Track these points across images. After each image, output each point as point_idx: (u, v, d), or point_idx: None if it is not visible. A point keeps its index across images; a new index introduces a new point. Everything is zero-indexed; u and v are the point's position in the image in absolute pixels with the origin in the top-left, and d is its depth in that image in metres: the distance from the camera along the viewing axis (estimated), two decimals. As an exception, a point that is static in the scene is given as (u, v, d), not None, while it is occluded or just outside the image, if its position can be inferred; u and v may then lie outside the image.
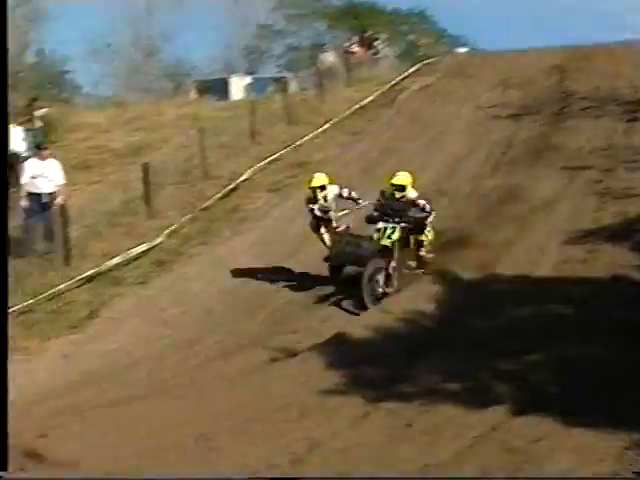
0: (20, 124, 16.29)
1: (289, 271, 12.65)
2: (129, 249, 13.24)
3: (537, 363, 8.99)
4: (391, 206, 11.72)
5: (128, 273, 12.83)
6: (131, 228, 14.24)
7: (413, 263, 12.01)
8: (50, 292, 12.04)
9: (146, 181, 14.83)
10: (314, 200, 12.47)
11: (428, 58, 25.43)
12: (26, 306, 11.72)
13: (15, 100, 18.54)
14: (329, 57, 26.44)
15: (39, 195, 13.85)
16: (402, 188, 11.80)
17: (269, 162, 16.91)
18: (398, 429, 7.84)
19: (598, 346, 9.12)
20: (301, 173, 16.46)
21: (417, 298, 10.92)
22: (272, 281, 12.36)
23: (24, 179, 13.90)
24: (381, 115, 19.85)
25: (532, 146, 16.66)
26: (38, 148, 14.61)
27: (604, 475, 6.54)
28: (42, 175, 13.91)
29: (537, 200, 13.97)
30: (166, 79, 37.44)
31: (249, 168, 16.51)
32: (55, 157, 14.55)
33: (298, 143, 17.90)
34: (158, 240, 13.61)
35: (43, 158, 14.18)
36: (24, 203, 13.75)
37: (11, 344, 10.77)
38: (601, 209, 13.53)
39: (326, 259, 12.22)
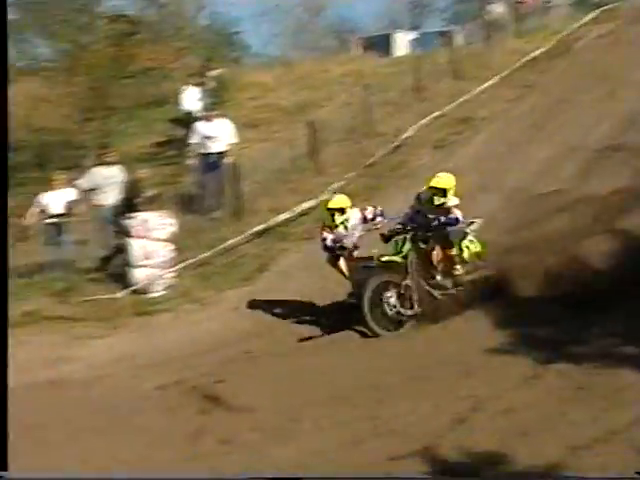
0: (195, 85, 16.68)
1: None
2: (296, 205, 13.47)
3: None
4: (426, 214, 10.15)
5: (295, 229, 13.06)
6: (298, 185, 14.45)
7: (448, 282, 10.28)
8: (223, 246, 12.46)
9: (312, 139, 15.03)
10: (332, 226, 10.70)
11: (606, 4, 24.23)
12: (202, 259, 12.20)
13: (191, 61, 19.24)
14: (497, 7, 25.71)
15: (208, 155, 14.23)
16: (443, 192, 10.06)
17: (434, 118, 16.68)
18: (569, 391, 7.68)
19: None
20: (467, 129, 16.24)
21: (588, 257, 10.55)
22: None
23: (194, 139, 14.35)
24: (554, 67, 19.15)
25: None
26: (207, 110, 15.13)
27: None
28: (211, 136, 14.28)
29: None
30: (331, 37, 37.68)
31: (414, 125, 16.35)
32: (226, 117, 14.88)
33: (464, 98, 17.55)
34: (324, 197, 13.74)
35: (211, 119, 14.58)
36: (191, 161, 14.22)
37: (188, 295, 11.43)
38: None
39: (350, 295, 10.52)
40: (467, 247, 10.33)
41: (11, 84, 9.73)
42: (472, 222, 10.46)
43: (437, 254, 10.12)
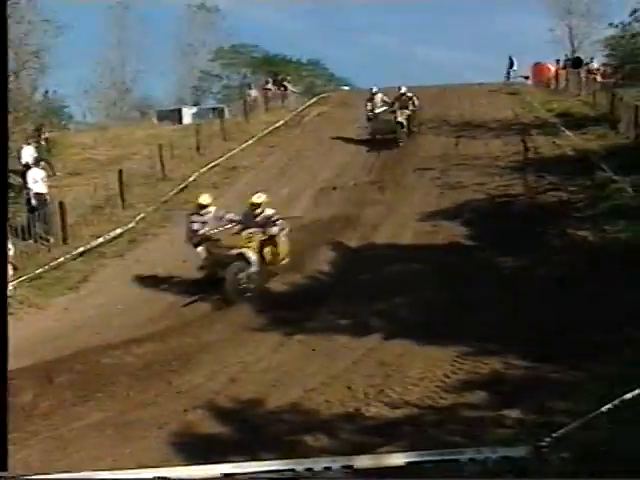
0: (31, 143, 15.46)
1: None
2: (111, 231, 12.79)
3: (402, 304, 9.05)
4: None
5: (110, 249, 12.39)
6: (111, 216, 13.78)
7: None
8: (53, 264, 11.58)
9: (121, 183, 14.44)
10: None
11: (322, 94, 25.30)
12: (36, 274, 11.25)
13: (27, 127, 17.82)
14: (253, 93, 26.07)
15: (41, 194, 13.26)
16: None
17: (210, 167, 16.53)
18: (306, 353, 7.79)
19: (441, 290, 9.28)
20: (233, 175, 16.22)
21: (318, 261, 10.83)
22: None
23: (29, 183, 13.30)
24: (290, 133, 19.69)
25: (394, 154, 16.76)
26: (38, 162, 14.15)
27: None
28: (39, 181, 13.40)
29: (400, 190, 14.08)
30: (135, 110, 36.59)
31: (195, 172, 16.09)
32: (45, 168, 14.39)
33: (231, 154, 17.56)
34: (131, 225, 13.21)
35: (41, 168, 13.87)
36: (33, 201, 13.16)
37: (26, 302, 10.45)
38: (441, 197, 13.65)
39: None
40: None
41: None
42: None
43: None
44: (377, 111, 17.83)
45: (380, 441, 5.51)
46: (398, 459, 4.60)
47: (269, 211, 10.33)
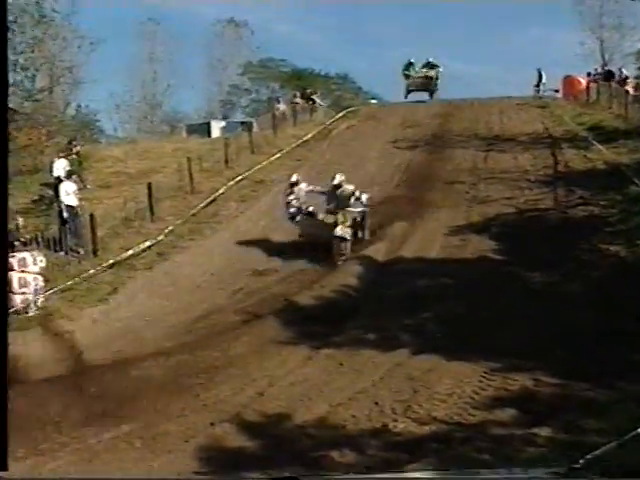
0: (63, 157, 15.73)
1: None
2: (140, 244, 12.93)
3: (430, 318, 8.99)
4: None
5: (139, 262, 12.52)
6: (140, 229, 13.91)
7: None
8: (83, 276, 11.74)
9: (150, 196, 14.59)
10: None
11: (350, 107, 25.38)
12: (67, 286, 11.43)
13: (60, 141, 18.19)
14: (281, 106, 26.24)
15: (72, 207, 13.47)
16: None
17: (238, 181, 16.65)
18: (333, 368, 7.74)
19: (468, 306, 9.18)
20: (261, 188, 16.31)
21: (346, 276, 10.81)
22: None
23: (61, 196, 13.53)
24: (318, 146, 19.74)
25: (422, 167, 16.71)
26: (70, 175, 14.36)
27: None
28: (70, 193, 13.59)
29: (428, 204, 14.02)
30: (165, 123, 37.14)
31: (224, 185, 16.21)
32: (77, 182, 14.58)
33: (259, 167, 17.67)
34: (160, 237, 13.36)
35: (73, 181, 14.07)
36: (64, 213, 13.40)
37: (57, 313, 10.63)
38: (469, 211, 13.57)
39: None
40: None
41: None
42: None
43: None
44: (305, 208, 12.54)
45: (407, 458, 5.46)
46: (425, 476, 4.54)
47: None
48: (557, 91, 26.43)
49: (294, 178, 12.92)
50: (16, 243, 11.43)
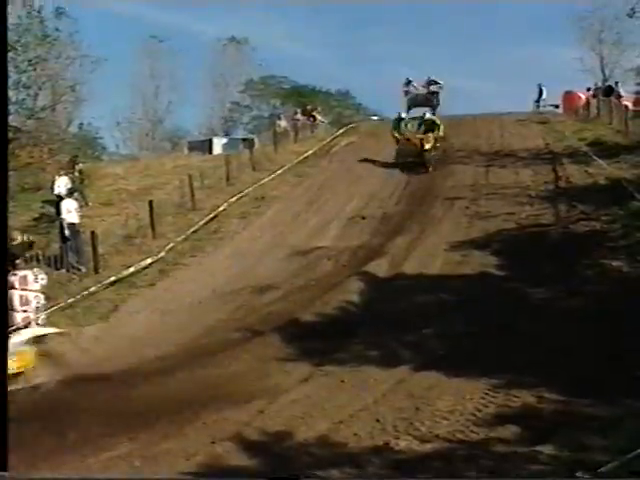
0: (65, 174, 15.83)
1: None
2: (141, 261, 12.95)
3: (431, 335, 8.96)
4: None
5: (140, 279, 12.54)
6: (142, 246, 13.96)
7: None
8: (84, 293, 11.79)
9: (152, 213, 14.65)
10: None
11: (351, 124, 25.51)
12: (68, 303, 11.45)
13: (61, 158, 18.31)
14: (282, 123, 26.41)
15: (74, 224, 13.53)
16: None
17: (239, 197, 16.71)
18: (334, 385, 7.73)
19: (469, 322, 9.17)
20: (262, 205, 16.35)
21: (347, 292, 10.80)
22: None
23: (62, 214, 13.58)
24: (318, 163, 19.82)
25: (423, 183, 16.75)
26: (72, 193, 14.48)
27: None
28: (72, 211, 13.66)
29: (429, 219, 14.03)
30: (167, 140, 37.33)
31: (225, 202, 16.26)
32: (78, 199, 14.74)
33: (260, 183, 17.73)
34: (161, 255, 13.38)
35: (75, 199, 14.22)
36: (66, 231, 13.43)
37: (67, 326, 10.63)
38: (470, 227, 13.59)
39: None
40: None
41: None
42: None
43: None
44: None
45: (409, 476, 5.43)
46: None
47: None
48: (557, 106, 26.56)
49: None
50: (17, 261, 11.46)
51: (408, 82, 25.88)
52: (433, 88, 25.41)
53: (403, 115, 20.84)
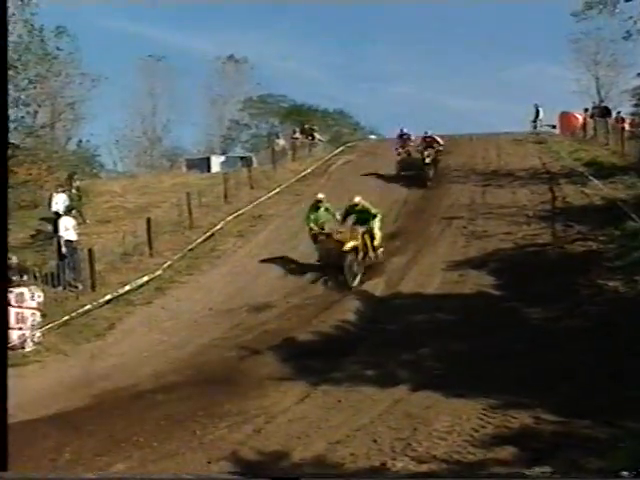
0: (62, 192, 15.85)
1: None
2: (138, 279, 12.95)
3: (429, 354, 8.97)
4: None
5: (137, 297, 12.53)
6: (139, 264, 13.94)
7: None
8: (80, 311, 11.70)
9: (149, 231, 14.66)
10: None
11: (349, 143, 25.63)
12: (64, 321, 11.39)
13: (60, 176, 18.34)
14: (280, 142, 26.51)
15: (71, 242, 13.53)
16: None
17: (236, 216, 16.75)
18: (331, 405, 7.71)
19: (467, 342, 9.17)
20: (260, 223, 16.37)
21: (344, 311, 10.82)
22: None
23: (59, 231, 13.60)
24: (316, 182, 19.87)
25: (420, 202, 16.82)
26: (70, 210, 14.56)
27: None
28: (69, 228, 13.67)
29: (426, 239, 14.08)
30: (165, 158, 37.43)
31: (222, 220, 16.28)
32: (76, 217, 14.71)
33: (257, 202, 17.78)
34: (158, 272, 13.38)
35: (72, 216, 14.20)
36: (63, 249, 13.43)
37: (54, 349, 10.59)
38: (467, 246, 13.63)
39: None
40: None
41: None
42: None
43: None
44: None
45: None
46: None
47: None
48: (554, 127, 26.74)
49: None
50: (14, 278, 11.45)
51: (402, 135, 20.16)
52: (427, 153, 18.34)
53: (320, 196, 14.15)
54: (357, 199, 13.09)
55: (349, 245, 12.04)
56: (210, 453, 6.62)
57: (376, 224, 12.73)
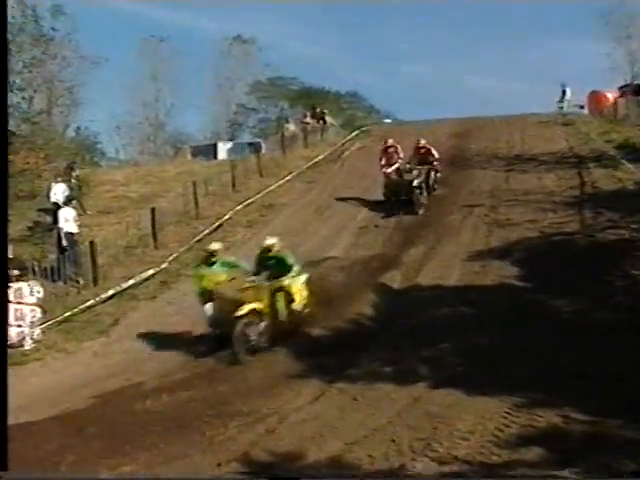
0: (62, 181, 15.97)
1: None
2: (142, 273, 13.02)
3: (449, 350, 8.95)
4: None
5: (141, 291, 12.62)
6: (143, 257, 14.07)
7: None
8: (83, 306, 11.85)
9: (153, 221, 14.73)
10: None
11: (363, 127, 25.57)
12: (65, 317, 11.57)
13: (58, 164, 18.47)
14: (290, 126, 26.51)
15: (71, 234, 13.63)
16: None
17: (246, 205, 16.77)
18: (347, 403, 7.72)
19: (492, 335, 9.15)
20: (270, 213, 16.41)
21: (360, 305, 10.81)
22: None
23: (59, 223, 13.70)
24: (329, 169, 19.87)
25: (440, 191, 16.71)
26: (70, 200, 14.67)
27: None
28: (69, 220, 13.80)
29: (446, 228, 14.04)
30: (169, 145, 37.46)
31: (230, 210, 16.32)
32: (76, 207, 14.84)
33: (267, 190, 17.81)
34: (163, 265, 13.44)
35: (72, 207, 14.30)
36: (63, 241, 13.55)
37: (55, 347, 10.71)
38: (490, 235, 13.57)
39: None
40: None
41: None
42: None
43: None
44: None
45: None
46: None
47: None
48: (582, 107, 26.53)
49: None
50: (14, 272, 11.55)
51: (387, 148, 16.75)
52: (419, 173, 15.70)
53: (214, 247, 11.02)
54: (269, 241, 10.15)
55: (246, 308, 9.36)
56: (220, 454, 6.66)
57: (295, 279, 9.95)
